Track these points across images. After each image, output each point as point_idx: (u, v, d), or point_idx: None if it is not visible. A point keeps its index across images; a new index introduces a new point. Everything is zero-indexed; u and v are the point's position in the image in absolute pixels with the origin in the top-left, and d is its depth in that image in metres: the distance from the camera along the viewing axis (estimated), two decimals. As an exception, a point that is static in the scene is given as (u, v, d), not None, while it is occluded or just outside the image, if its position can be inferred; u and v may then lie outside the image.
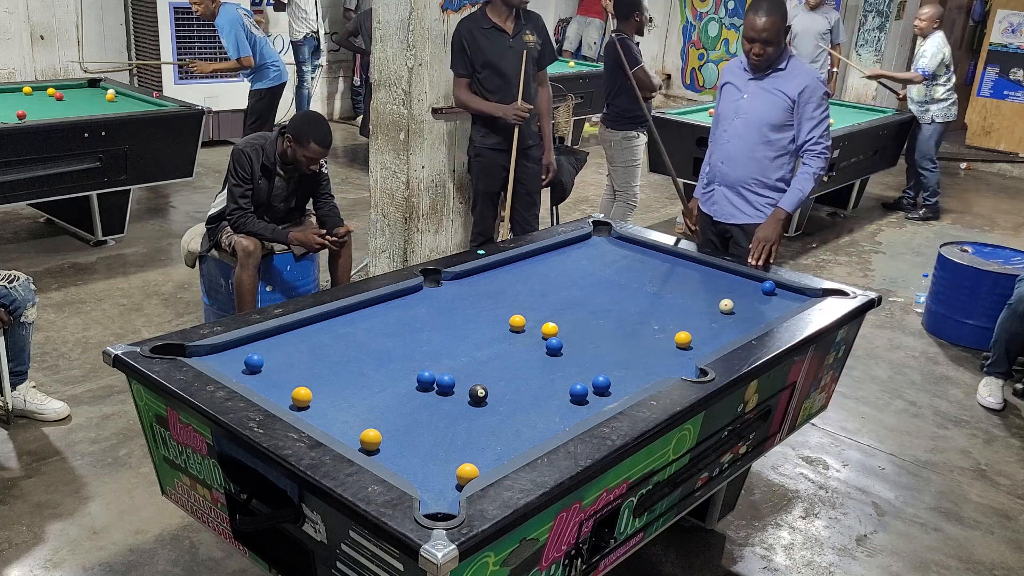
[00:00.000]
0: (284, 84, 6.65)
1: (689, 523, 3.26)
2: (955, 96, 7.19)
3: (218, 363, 2.41)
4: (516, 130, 4.45)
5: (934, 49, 6.97)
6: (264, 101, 6.57)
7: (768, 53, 3.58)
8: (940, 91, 7.12)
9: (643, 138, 5.69)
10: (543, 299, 3.07)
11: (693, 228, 4.06)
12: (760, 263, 3.53)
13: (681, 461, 2.37)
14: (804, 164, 3.65)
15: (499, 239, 4.74)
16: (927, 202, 7.56)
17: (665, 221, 7.00)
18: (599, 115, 9.75)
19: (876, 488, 3.66)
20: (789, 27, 3.70)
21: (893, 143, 7.48)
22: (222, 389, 2.20)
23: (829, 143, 3.65)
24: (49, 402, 3.75)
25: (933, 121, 7.17)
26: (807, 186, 3.64)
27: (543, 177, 4.78)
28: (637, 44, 5.63)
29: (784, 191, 3.69)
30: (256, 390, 2.24)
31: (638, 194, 5.84)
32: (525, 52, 4.42)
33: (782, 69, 3.64)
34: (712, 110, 6.98)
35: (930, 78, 7.05)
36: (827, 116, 3.65)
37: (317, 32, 8.66)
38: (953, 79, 7.13)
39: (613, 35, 5.57)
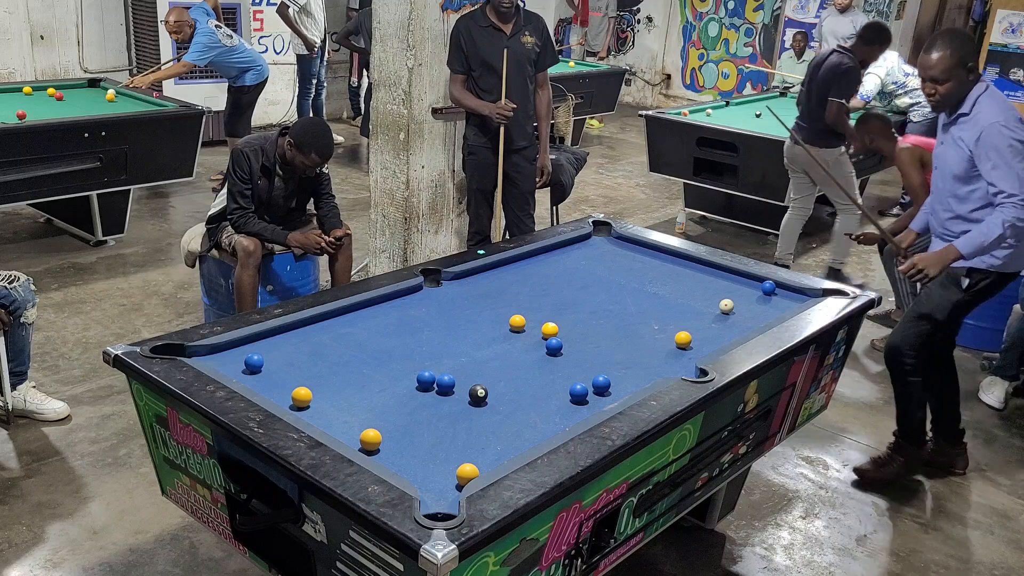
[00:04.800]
0: (266, 80, 6.87)
1: (689, 523, 3.26)
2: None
3: (218, 363, 2.42)
4: (502, 129, 4.46)
5: (867, 82, 7.01)
6: (249, 96, 6.81)
7: (938, 92, 3.35)
8: (904, 101, 7.22)
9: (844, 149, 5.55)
10: (543, 299, 3.07)
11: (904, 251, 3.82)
12: (905, 273, 3.39)
13: (681, 461, 2.37)
14: (996, 210, 3.30)
15: (494, 239, 4.74)
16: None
17: (665, 221, 7.00)
18: (600, 115, 9.81)
19: (876, 488, 3.66)
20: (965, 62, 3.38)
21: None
22: (222, 389, 2.20)
23: (1015, 192, 3.24)
24: (49, 402, 3.75)
25: (914, 120, 7.24)
26: (990, 231, 3.26)
27: (537, 179, 4.78)
28: (862, 73, 5.46)
29: None
30: (256, 390, 2.24)
31: (859, 198, 5.62)
32: (506, 51, 4.42)
33: (966, 114, 3.37)
34: (710, 110, 7.03)
35: (886, 95, 7.21)
36: (1005, 163, 3.25)
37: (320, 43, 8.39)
38: (911, 83, 7.15)
39: (842, 52, 5.35)
